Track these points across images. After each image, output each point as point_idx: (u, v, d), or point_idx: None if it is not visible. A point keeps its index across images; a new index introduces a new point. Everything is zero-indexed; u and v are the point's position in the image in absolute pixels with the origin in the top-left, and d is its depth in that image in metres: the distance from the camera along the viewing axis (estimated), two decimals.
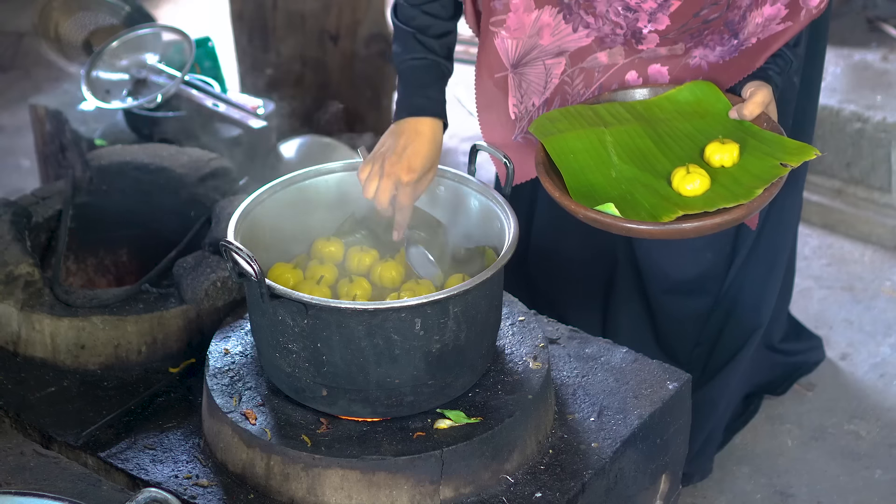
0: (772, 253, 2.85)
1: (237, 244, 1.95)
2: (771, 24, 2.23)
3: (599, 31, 2.27)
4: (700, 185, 2.09)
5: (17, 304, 2.34)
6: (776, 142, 2.15)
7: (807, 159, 2.12)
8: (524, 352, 2.20)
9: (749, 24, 2.23)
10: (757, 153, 2.14)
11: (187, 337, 2.37)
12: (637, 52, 2.30)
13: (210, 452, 2.12)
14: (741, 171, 2.12)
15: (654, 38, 2.27)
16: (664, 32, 2.25)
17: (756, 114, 2.20)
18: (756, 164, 2.12)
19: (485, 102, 2.41)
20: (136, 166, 2.76)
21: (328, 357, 1.98)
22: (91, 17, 3.64)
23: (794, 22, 2.22)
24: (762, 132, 2.18)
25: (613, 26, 2.25)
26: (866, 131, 3.80)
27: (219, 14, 4.97)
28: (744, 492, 2.93)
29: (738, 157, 2.14)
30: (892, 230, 3.83)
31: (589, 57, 2.32)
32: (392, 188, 2.15)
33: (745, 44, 2.26)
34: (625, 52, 2.31)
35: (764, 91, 2.20)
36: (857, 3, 4.40)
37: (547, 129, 2.24)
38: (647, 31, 2.25)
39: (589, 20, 2.25)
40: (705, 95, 2.27)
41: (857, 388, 3.26)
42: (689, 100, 2.28)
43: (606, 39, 2.29)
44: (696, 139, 2.21)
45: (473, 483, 2.03)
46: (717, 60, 2.31)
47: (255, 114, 3.36)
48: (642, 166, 2.16)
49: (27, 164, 4.35)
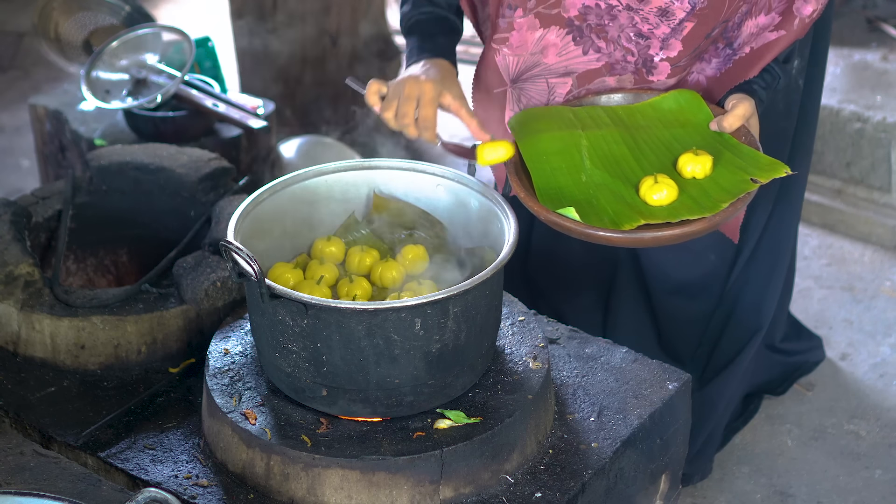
0: (773, 254, 2.85)
1: (237, 244, 1.95)
2: (764, 33, 2.22)
3: (610, 56, 2.26)
4: (667, 196, 2.07)
5: (17, 304, 2.34)
6: (751, 157, 2.13)
7: (777, 176, 2.09)
8: (524, 352, 2.20)
9: (743, 34, 2.23)
10: (730, 167, 2.13)
11: (187, 337, 2.37)
12: (647, 82, 2.29)
13: (210, 452, 2.12)
14: (711, 184, 2.10)
15: (666, 68, 2.25)
16: (676, 60, 2.24)
17: (736, 126, 2.18)
18: (727, 177, 2.10)
19: (482, 117, 2.41)
20: (136, 166, 2.76)
21: (328, 357, 1.98)
22: (91, 17, 3.64)
23: (787, 31, 2.21)
24: (739, 145, 2.16)
25: (625, 52, 2.24)
26: (866, 131, 3.80)
27: (219, 14, 4.98)
28: (744, 492, 2.93)
29: (710, 169, 2.12)
30: (892, 230, 3.83)
31: (597, 80, 2.31)
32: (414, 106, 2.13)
33: (739, 53, 2.25)
34: (634, 81, 2.30)
35: (746, 104, 2.18)
36: (857, 3, 4.40)
37: (525, 127, 2.23)
38: (658, 60, 2.24)
39: (600, 44, 2.24)
40: (689, 105, 2.25)
41: (857, 388, 3.26)
42: (672, 108, 2.26)
43: (617, 66, 2.28)
44: (673, 148, 2.20)
45: (473, 483, 2.03)
46: (714, 73, 2.31)
47: (255, 114, 3.36)
48: (613, 172, 2.15)
49: (27, 164, 4.35)
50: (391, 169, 2.28)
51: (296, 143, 3.58)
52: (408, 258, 2.21)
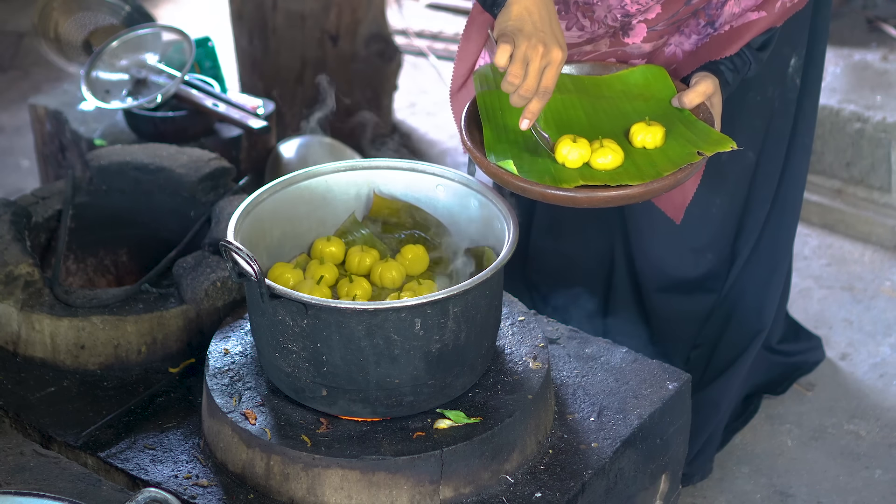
0: (773, 254, 2.85)
1: (237, 244, 1.95)
2: (745, 13, 2.23)
3: (593, 34, 2.27)
4: (612, 161, 2.10)
5: (17, 304, 2.34)
6: (703, 131, 2.16)
7: (721, 150, 2.12)
8: (524, 352, 2.20)
9: (725, 13, 2.24)
10: (680, 140, 2.16)
11: (187, 337, 2.37)
12: (622, 44, 2.31)
13: (210, 452, 2.12)
14: (659, 154, 2.14)
15: (642, 31, 2.27)
16: (653, 23, 2.25)
17: (696, 103, 2.21)
18: (676, 149, 2.14)
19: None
20: (135, 166, 2.76)
21: (328, 357, 1.98)
22: (91, 17, 3.64)
23: (767, 12, 2.22)
24: (695, 121, 2.20)
25: (607, 30, 2.26)
26: (866, 131, 3.80)
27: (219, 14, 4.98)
28: (744, 492, 2.93)
29: (661, 140, 2.16)
30: (892, 230, 3.83)
31: (574, 49, 2.33)
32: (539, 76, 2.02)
33: (719, 31, 2.26)
34: (609, 43, 2.31)
35: (708, 82, 2.21)
36: (857, 3, 4.40)
37: (487, 82, 2.25)
38: (635, 22, 2.25)
39: (584, 23, 2.25)
40: (655, 80, 2.29)
41: (857, 388, 3.26)
42: (638, 82, 2.29)
43: (596, 38, 2.30)
44: (630, 118, 2.23)
45: (473, 483, 2.03)
46: (692, 49, 2.31)
47: (255, 114, 3.36)
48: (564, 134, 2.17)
49: (27, 164, 4.35)
50: (391, 169, 2.28)
51: (296, 143, 3.58)
52: (408, 258, 2.21)
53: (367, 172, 2.30)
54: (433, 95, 4.66)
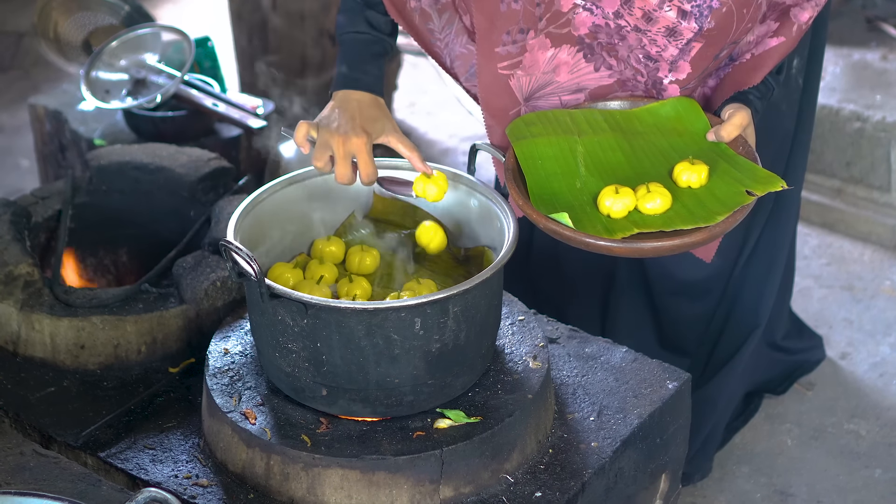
0: (771, 253, 2.85)
1: (237, 244, 1.95)
2: (763, 39, 2.21)
3: (621, 74, 2.25)
4: (661, 205, 2.05)
5: (17, 304, 2.34)
6: (748, 168, 2.11)
7: (773, 189, 2.06)
8: (524, 351, 2.20)
9: (741, 43, 2.22)
10: (726, 178, 2.10)
11: (187, 337, 2.37)
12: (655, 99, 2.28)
13: (210, 452, 2.12)
14: (706, 194, 2.08)
15: (675, 91, 2.24)
16: (685, 82, 2.22)
17: (733, 136, 2.16)
18: (723, 188, 2.08)
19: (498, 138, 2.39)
20: (135, 166, 2.76)
21: (328, 357, 1.98)
22: (90, 17, 3.64)
23: (786, 38, 2.20)
24: (736, 157, 2.14)
25: (635, 72, 2.23)
26: (866, 131, 3.80)
27: (219, 14, 4.98)
28: (744, 491, 2.93)
29: (706, 179, 2.10)
30: (892, 230, 3.83)
31: (609, 95, 2.30)
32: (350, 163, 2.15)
33: (739, 59, 2.24)
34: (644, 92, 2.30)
35: (742, 113, 2.16)
36: (856, 2, 4.40)
37: (521, 133, 2.21)
38: (667, 83, 2.23)
39: (611, 62, 2.23)
40: (686, 112, 2.23)
41: (857, 387, 3.26)
42: (669, 115, 2.24)
43: (628, 83, 2.26)
44: (669, 156, 2.18)
45: (473, 483, 2.03)
46: (715, 83, 2.30)
47: (255, 114, 3.36)
48: (608, 180, 2.13)
49: (27, 164, 4.35)
50: (391, 169, 2.28)
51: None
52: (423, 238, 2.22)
53: None
54: (433, 95, 4.65)
